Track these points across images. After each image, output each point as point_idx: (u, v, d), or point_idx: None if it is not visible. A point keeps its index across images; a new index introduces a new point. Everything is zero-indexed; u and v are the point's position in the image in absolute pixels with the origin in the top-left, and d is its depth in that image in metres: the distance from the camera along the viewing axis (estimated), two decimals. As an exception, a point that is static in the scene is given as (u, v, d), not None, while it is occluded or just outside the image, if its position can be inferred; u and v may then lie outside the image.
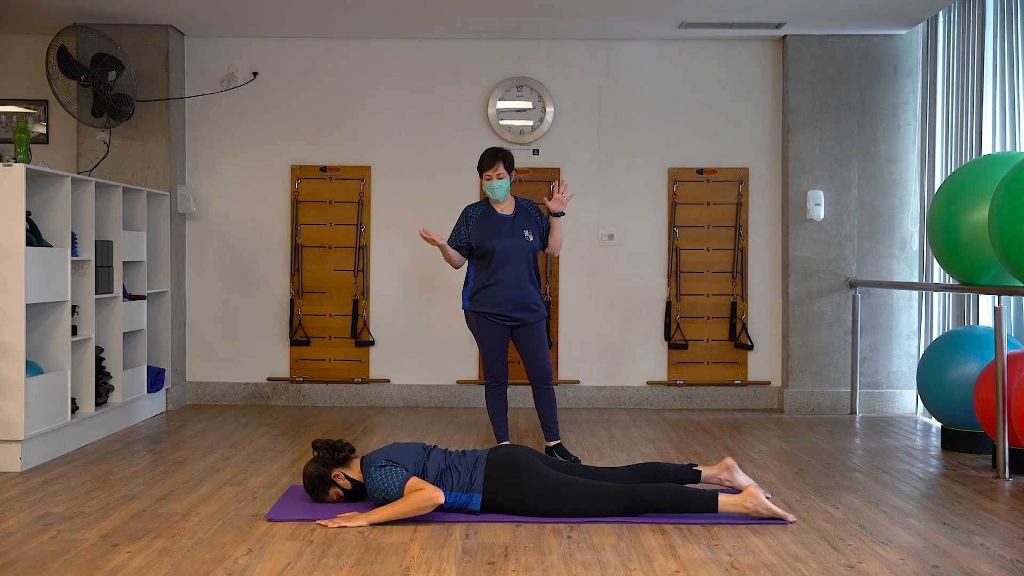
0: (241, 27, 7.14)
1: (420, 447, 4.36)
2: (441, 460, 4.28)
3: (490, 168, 5.40)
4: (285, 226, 7.43)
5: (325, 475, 4.30)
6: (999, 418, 4.96)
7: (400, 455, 4.24)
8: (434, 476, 4.21)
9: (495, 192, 5.43)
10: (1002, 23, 5.97)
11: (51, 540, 3.84)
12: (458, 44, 7.41)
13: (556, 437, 5.51)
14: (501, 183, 5.41)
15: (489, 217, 5.47)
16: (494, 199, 5.48)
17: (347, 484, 4.30)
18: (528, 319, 5.44)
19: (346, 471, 4.31)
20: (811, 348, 7.25)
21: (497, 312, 5.40)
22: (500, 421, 5.54)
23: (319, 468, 4.31)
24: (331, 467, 4.30)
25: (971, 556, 3.69)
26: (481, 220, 5.47)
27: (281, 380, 7.42)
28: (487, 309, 5.41)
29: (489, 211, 5.49)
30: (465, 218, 5.51)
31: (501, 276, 5.39)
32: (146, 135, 7.09)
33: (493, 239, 5.41)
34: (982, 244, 5.35)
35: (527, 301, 5.43)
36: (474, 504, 4.18)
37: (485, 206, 5.53)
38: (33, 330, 5.50)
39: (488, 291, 5.41)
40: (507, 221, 5.47)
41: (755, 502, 4.09)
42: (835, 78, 7.25)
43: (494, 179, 5.41)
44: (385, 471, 4.13)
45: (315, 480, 4.32)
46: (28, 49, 7.33)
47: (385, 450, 4.31)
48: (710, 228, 7.38)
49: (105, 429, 6.06)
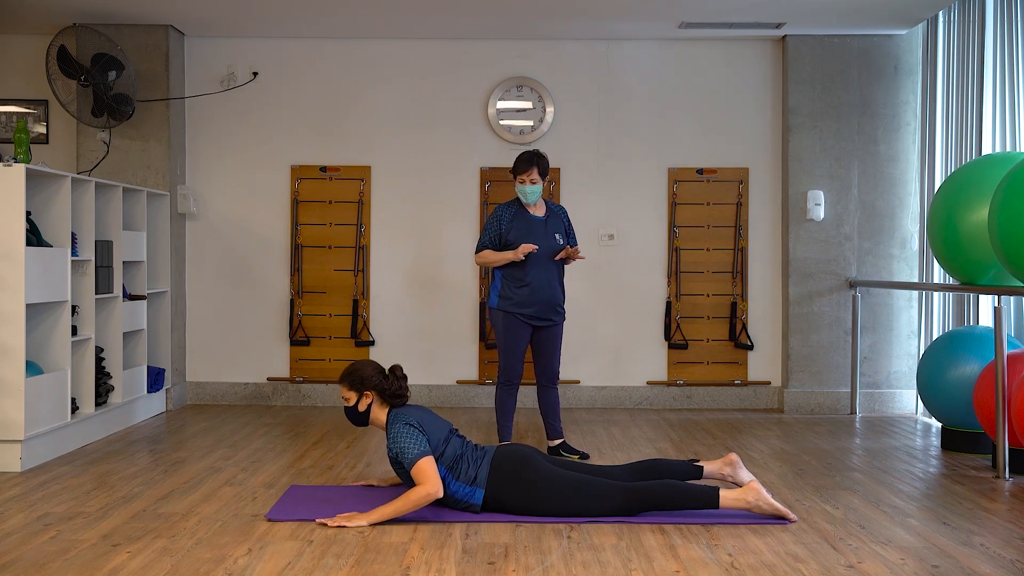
0: (241, 27, 7.14)
1: (448, 426, 4.37)
2: (459, 447, 4.30)
3: (525, 172, 5.45)
4: (285, 226, 7.43)
5: (367, 382, 4.33)
6: (999, 418, 4.96)
7: (430, 425, 4.26)
8: (450, 460, 4.22)
9: (528, 196, 5.49)
10: (1002, 23, 5.97)
11: (51, 540, 3.84)
12: (458, 44, 7.41)
13: (561, 435, 5.59)
14: (535, 188, 5.47)
15: (522, 217, 5.52)
16: (526, 202, 5.52)
17: (362, 407, 4.34)
18: (556, 320, 5.55)
19: (375, 404, 4.34)
20: (811, 348, 7.25)
21: (529, 312, 5.46)
22: (508, 421, 5.58)
23: (372, 374, 4.35)
24: (375, 390, 4.33)
25: (971, 556, 3.69)
26: (514, 220, 5.51)
27: (281, 380, 7.42)
28: (518, 309, 5.46)
29: (522, 211, 5.54)
30: (498, 217, 5.53)
31: (535, 277, 5.45)
32: (146, 135, 7.09)
33: (527, 239, 5.46)
34: (982, 244, 5.35)
35: (556, 303, 5.54)
36: (476, 498, 4.18)
37: (517, 206, 5.56)
38: (33, 330, 5.50)
39: (522, 291, 5.45)
40: (540, 223, 5.53)
41: (756, 497, 4.10)
42: (835, 78, 7.25)
43: (527, 183, 5.46)
44: (411, 433, 4.16)
45: (357, 375, 4.34)
46: (28, 49, 7.33)
47: (418, 412, 4.32)
48: (710, 228, 7.38)
49: (105, 429, 6.06)
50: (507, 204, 5.60)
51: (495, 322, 5.56)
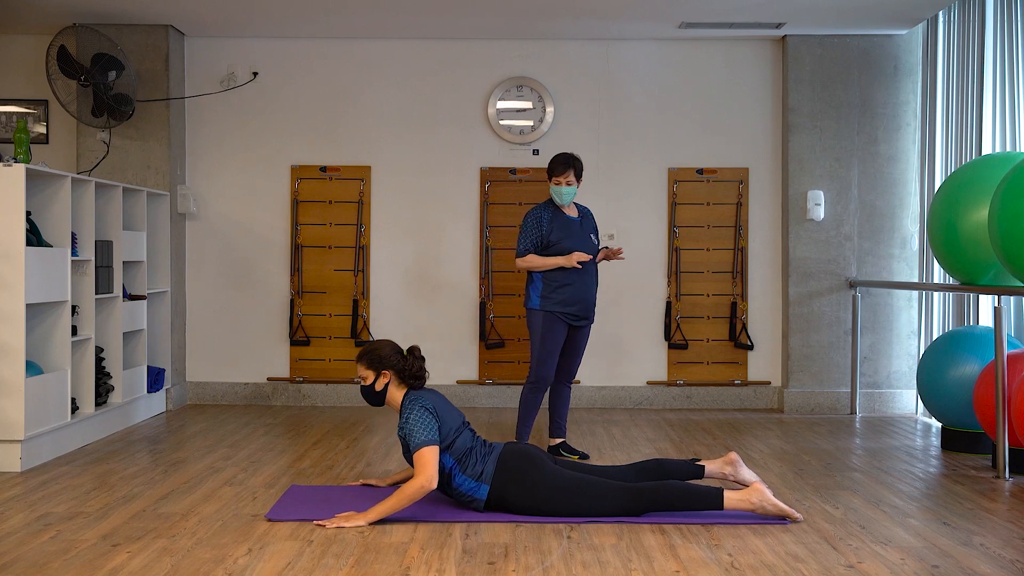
0: (241, 27, 7.14)
1: (461, 417, 4.37)
2: (469, 440, 4.30)
3: (561, 174, 5.46)
4: (285, 226, 7.43)
5: (385, 362, 4.32)
6: (999, 418, 4.96)
7: (444, 412, 4.27)
8: (459, 453, 4.22)
9: (563, 197, 5.50)
10: (1002, 23, 5.97)
11: (51, 540, 3.84)
12: (458, 44, 7.41)
13: (564, 434, 5.64)
14: (570, 189, 5.49)
15: (559, 218, 5.53)
16: (560, 203, 5.53)
17: (379, 387, 4.33)
18: (590, 320, 5.60)
19: (392, 385, 4.34)
20: (811, 348, 7.25)
21: (571, 312, 5.47)
22: (531, 422, 5.55)
23: (391, 354, 4.34)
24: (394, 370, 4.33)
25: (971, 556, 3.69)
26: (553, 221, 5.51)
27: (281, 380, 7.42)
28: (561, 309, 5.45)
29: (558, 212, 5.55)
30: (539, 220, 5.51)
31: (576, 278, 5.47)
32: (146, 135, 7.09)
33: (568, 240, 5.48)
34: (982, 244, 5.35)
35: (592, 303, 5.59)
36: (481, 494, 4.19)
37: (553, 208, 5.56)
38: (33, 330, 5.50)
39: (565, 291, 5.46)
40: (576, 224, 5.57)
41: (761, 498, 4.09)
42: (835, 78, 7.25)
43: (563, 185, 5.47)
44: (424, 418, 4.16)
45: (375, 354, 4.34)
46: (28, 49, 7.33)
47: (434, 397, 4.33)
48: (710, 228, 7.38)
49: (105, 429, 6.06)
50: (542, 207, 5.58)
51: (534, 323, 5.51)
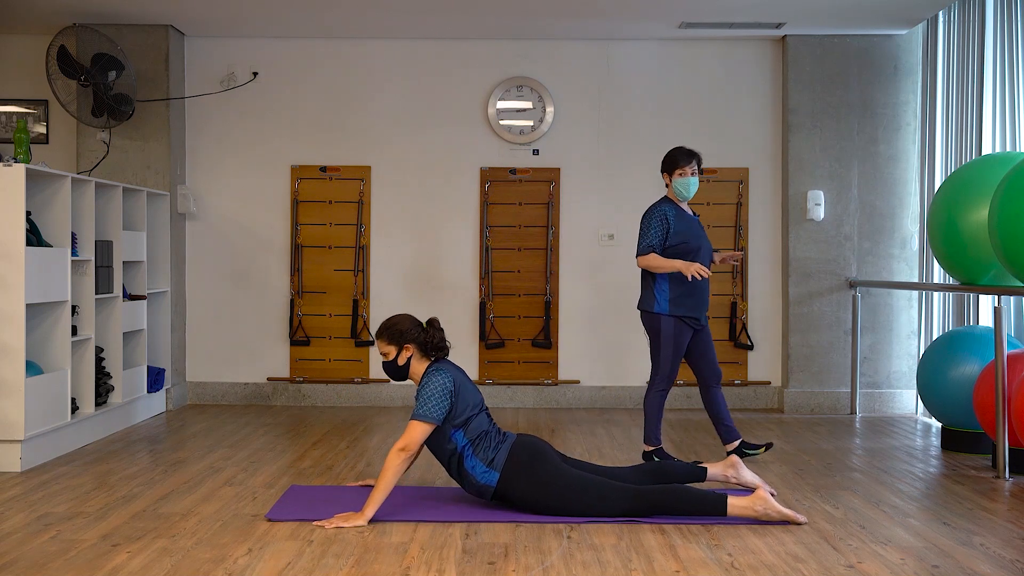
0: (241, 27, 7.14)
1: (480, 399, 4.37)
2: (486, 424, 4.31)
3: (687, 164, 5.27)
4: (285, 226, 7.43)
5: (406, 335, 4.33)
6: (999, 418, 4.96)
7: (464, 387, 4.28)
8: (474, 434, 4.24)
9: (689, 189, 5.29)
10: (1002, 23, 5.97)
11: (51, 540, 3.84)
12: (458, 44, 7.41)
13: (739, 435, 5.38)
14: (695, 180, 5.29)
15: (683, 216, 5.32)
16: (684, 197, 5.32)
17: (401, 360, 4.35)
18: (707, 319, 5.40)
19: (415, 358, 4.35)
20: (811, 348, 7.25)
21: (694, 317, 5.28)
22: (660, 423, 5.35)
23: (411, 327, 4.35)
24: (416, 343, 4.34)
25: (971, 556, 3.69)
26: (678, 219, 5.29)
27: (281, 380, 7.42)
28: (690, 313, 5.26)
29: (681, 210, 5.34)
30: (664, 216, 5.27)
31: (701, 282, 5.24)
32: (146, 135, 7.09)
33: (694, 240, 5.29)
34: (982, 244, 5.35)
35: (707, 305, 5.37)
36: (491, 480, 4.20)
37: (675, 205, 5.34)
38: (33, 330, 5.50)
39: (693, 298, 5.25)
40: (696, 222, 5.38)
41: (765, 506, 4.06)
42: (835, 78, 7.25)
43: (688, 175, 5.27)
44: (436, 394, 4.18)
45: (395, 328, 4.35)
46: (28, 49, 7.32)
47: (457, 372, 4.34)
48: (710, 228, 7.37)
49: (105, 429, 6.06)
50: (663, 203, 5.33)
51: (663, 328, 5.25)
